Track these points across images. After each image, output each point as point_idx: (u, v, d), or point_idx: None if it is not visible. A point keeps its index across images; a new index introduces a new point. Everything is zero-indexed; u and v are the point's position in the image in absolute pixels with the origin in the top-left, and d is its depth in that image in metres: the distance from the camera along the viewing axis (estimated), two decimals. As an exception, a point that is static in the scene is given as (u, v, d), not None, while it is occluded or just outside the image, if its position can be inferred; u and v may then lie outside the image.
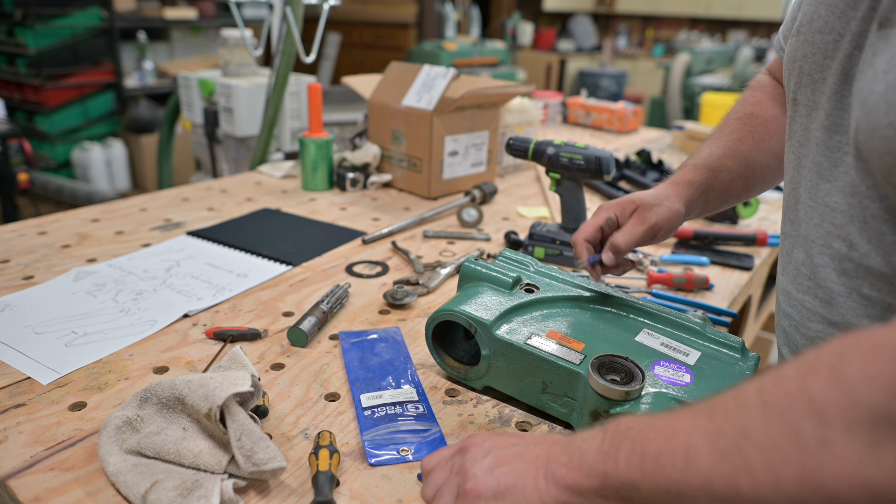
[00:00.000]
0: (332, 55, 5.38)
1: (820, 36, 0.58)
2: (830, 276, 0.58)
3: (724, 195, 0.75)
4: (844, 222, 0.56)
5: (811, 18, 0.59)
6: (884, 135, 0.47)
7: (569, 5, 6.55)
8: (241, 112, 1.95)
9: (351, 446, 0.61)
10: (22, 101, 3.95)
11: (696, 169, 0.74)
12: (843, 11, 0.56)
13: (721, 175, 0.74)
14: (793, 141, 0.63)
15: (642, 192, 0.73)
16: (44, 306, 0.85)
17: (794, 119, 0.63)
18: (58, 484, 0.55)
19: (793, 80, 0.62)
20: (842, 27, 0.56)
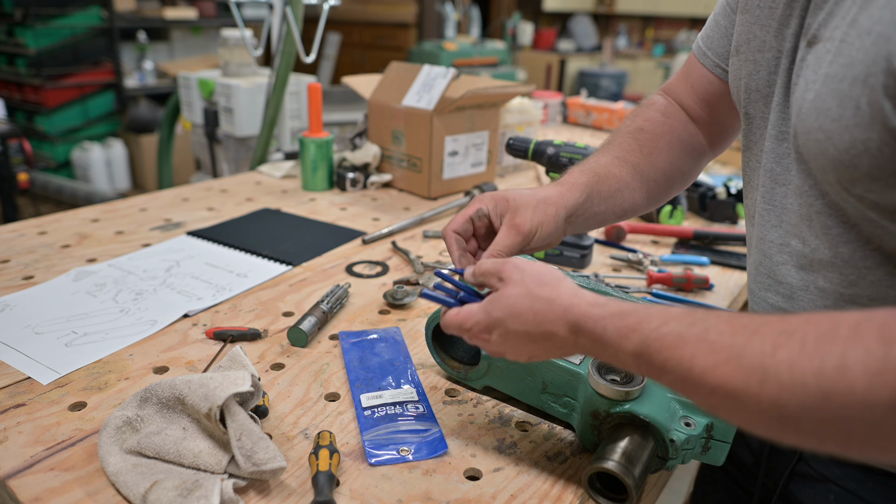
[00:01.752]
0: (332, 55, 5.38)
1: (760, 54, 0.63)
2: (790, 273, 0.62)
3: (612, 204, 0.71)
4: (797, 221, 0.60)
5: (748, 38, 0.64)
6: (815, 138, 0.51)
7: (569, 5, 6.55)
8: (241, 112, 1.95)
9: (351, 446, 0.61)
10: (22, 101, 3.95)
11: (582, 172, 0.71)
12: (777, 31, 0.61)
13: (608, 182, 0.71)
14: (751, 152, 0.67)
15: (521, 191, 0.66)
16: (44, 306, 0.85)
17: (751, 131, 0.67)
18: (58, 484, 0.55)
19: (742, 95, 0.66)
20: (778, 45, 0.61)
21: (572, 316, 0.51)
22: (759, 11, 0.63)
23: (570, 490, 0.57)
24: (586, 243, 1.05)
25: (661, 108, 0.81)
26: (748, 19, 0.64)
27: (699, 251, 1.14)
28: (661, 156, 0.76)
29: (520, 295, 0.54)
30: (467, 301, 0.60)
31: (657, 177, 0.77)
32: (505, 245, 0.64)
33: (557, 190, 0.68)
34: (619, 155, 0.74)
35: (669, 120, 0.80)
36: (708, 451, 0.60)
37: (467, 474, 0.59)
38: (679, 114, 0.81)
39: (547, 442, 0.64)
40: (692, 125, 0.81)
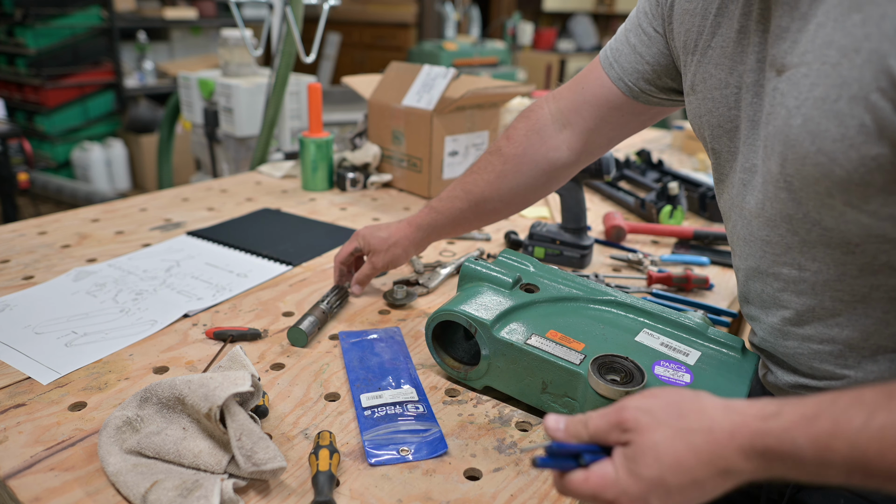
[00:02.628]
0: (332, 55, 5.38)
1: (718, 91, 0.64)
2: (791, 299, 0.62)
3: (455, 227, 0.88)
4: (782, 251, 0.60)
5: (703, 78, 0.65)
6: (815, 161, 0.51)
7: (569, 5, 6.55)
8: (241, 112, 1.95)
9: (351, 446, 0.61)
10: (22, 101, 3.95)
11: (430, 211, 0.88)
12: (731, 68, 0.62)
13: (450, 214, 0.87)
14: (724, 184, 0.68)
15: (377, 236, 0.90)
16: (44, 306, 0.85)
17: (720, 165, 0.68)
18: (58, 484, 0.55)
19: (706, 132, 0.67)
20: (736, 81, 0.62)
21: (744, 439, 0.42)
22: (710, 52, 0.64)
23: (570, 490, 0.57)
24: (586, 243, 1.05)
25: (531, 126, 0.83)
26: (699, 59, 0.65)
27: (699, 251, 1.14)
28: (505, 179, 0.84)
29: (667, 438, 0.43)
30: (591, 460, 0.47)
31: (496, 202, 0.85)
32: (364, 274, 0.90)
33: (405, 232, 0.89)
34: (467, 186, 0.86)
35: (531, 140, 0.83)
36: (708, 451, 0.60)
37: (467, 474, 0.59)
38: (547, 129, 0.83)
39: (547, 442, 0.64)
40: (559, 136, 0.82)
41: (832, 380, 0.62)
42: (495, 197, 0.84)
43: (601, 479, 0.45)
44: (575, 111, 0.80)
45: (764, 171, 0.59)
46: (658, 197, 1.27)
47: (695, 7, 0.66)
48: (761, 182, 0.60)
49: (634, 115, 0.79)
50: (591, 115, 0.79)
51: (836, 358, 0.60)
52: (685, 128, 1.93)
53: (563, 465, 0.48)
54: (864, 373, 0.59)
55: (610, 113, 0.78)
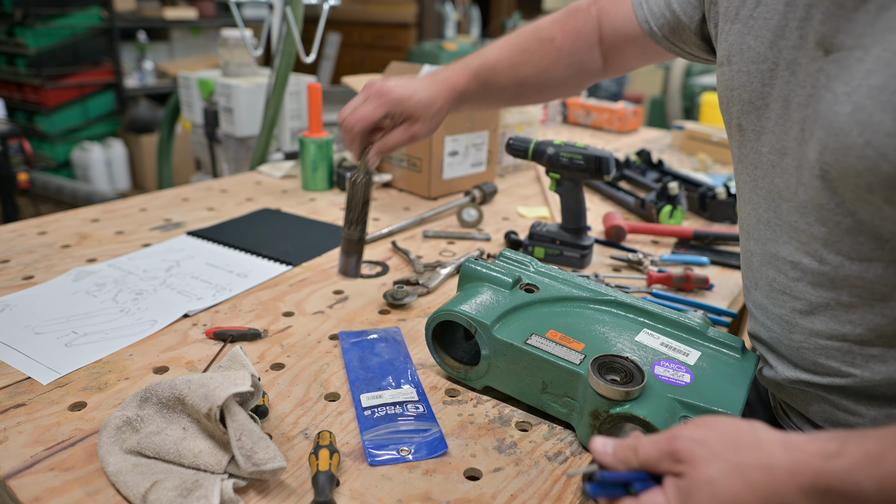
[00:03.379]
0: (332, 55, 5.38)
1: (754, 66, 0.61)
2: (806, 290, 0.60)
3: (489, 104, 0.87)
4: (808, 240, 0.58)
5: (741, 49, 0.62)
6: (861, 154, 0.48)
7: (569, 5, 6.55)
8: (241, 112, 1.95)
9: (351, 446, 0.61)
10: (22, 101, 3.95)
11: (473, 79, 0.83)
12: (773, 42, 0.59)
13: (491, 90, 0.85)
14: (745, 163, 0.66)
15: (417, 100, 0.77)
16: (44, 306, 0.85)
17: (744, 143, 0.65)
18: (58, 484, 0.55)
19: (734, 107, 0.65)
20: (774, 56, 0.59)
21: (805, 479, 0.40)
22: (752, 22, 0.61)
23: (570, 490, 0.57)
24: (586, 243, 1.05)
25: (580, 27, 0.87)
26: (739, 29, 0.63)
27: (699, 251, 1.14)
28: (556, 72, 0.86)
29: (723, 473, 0.42)
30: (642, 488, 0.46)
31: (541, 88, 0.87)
32: (396, 143, 0.78)
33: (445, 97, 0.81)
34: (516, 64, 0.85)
35: (580, 43, 0.87)
36: (708, 451, 0.60)
37: (467, 474, 0.59)
38: (592, 37, 0.87)
39: (547, 442, 0.64)
40: (597, 51, 0.88)
41: (836, 377, 0.60)
42: (536, 84, 0.86)
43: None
44: (608, 34, 0.86)
45: (798, 154, 0.56)
46: (658, 197, 1.27)
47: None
48: (795, 166, 0.57)
49: (652, 53, 0.83)
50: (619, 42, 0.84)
51: (843, 355, 0.59)
52: (685, 128, 1.93)
53: (612, 493, 0.47)
54: (871, 373, 0.58)
55: (632, 45, 0.83)
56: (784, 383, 0.66)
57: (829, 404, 0.63)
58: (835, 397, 0.62)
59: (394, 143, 0.78)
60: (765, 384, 0.71)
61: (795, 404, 0.68)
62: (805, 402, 0.66)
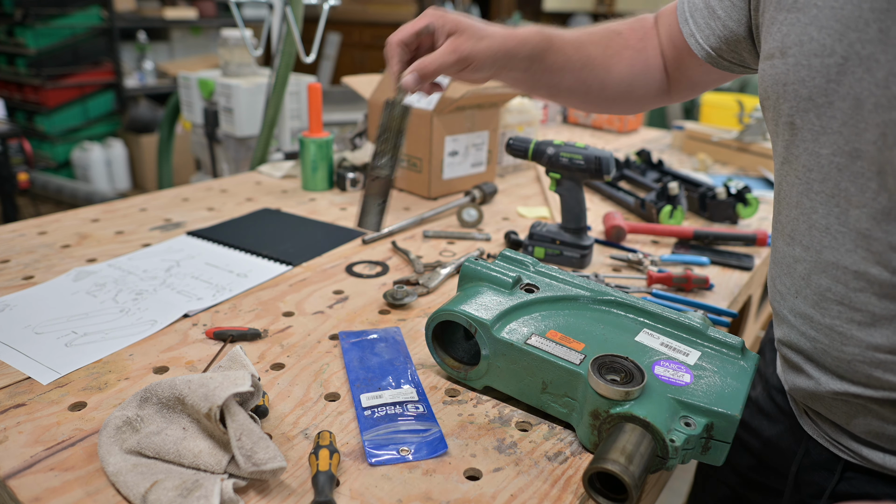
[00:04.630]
0: (332, 55, 5.38)
1: (817, 59, 0.55)
2: (871, 301, 0.56)
3: (550, 76, 0.75)
4: (885, 248, 0.54)
5: (800, 40, 0.56)
6: None
7: (569, 5, 6.55)
8: (241, 112, 1.95)
9: (351, 446, 0.61)
10: (22, 101, 3.95)
11: (540, 34, 0.74)
12: (842, 34, 0.53)
13: (556, 55, 0.75)
14: (796, 165, 0.60)
15: (470, 20, 0.70)
16: (44, 306, 0.85)
17: (795, 143, 0.60)
18: (58, 484, 0.55)
19: (786, 103, 0.59)
20: (844, 50, 0.53)
21: None
22: (814, 10, 0.55)
23: (570, 490, 0.57)
24: (586, 243, 1.05)
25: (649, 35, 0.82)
26: (798, 18, 0.56)
27: (699, 251, 1.14)
28: (620, 64, 0.79)
29: None
30: None
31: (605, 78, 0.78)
32: (439, 61, 0.67)
33: (504, 35, 0.70)
34: (585, 42, 0.77)
35: (648, 45, 0.81)
36: (708, 451, 0.60)
37: (467, 474, 0.59)
38: (656, 42, 0.82)
39: (547, 442, 0.64)
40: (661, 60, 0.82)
41: (893, 390, 0.57)
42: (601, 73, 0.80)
43: None
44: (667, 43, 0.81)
45: (880, 160, 0.52)
46: (658, 197, 1.27)
47: None
48: (875, 171, 0.53)
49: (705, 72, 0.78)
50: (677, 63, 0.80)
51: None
52: (685, 128, 1.93)
53: None
54: None
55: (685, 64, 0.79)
56: (826, 395, 0.63)
57: (878, 417, 0.60)
58: (887, 410, 0.59)
59: (436, 61, 0.67)
60: (796, 395, 0.68)
61: (834, 417, 0.65)
62: (848, 416, 0.62)
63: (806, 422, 0.71)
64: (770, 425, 0.79)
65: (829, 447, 0.68)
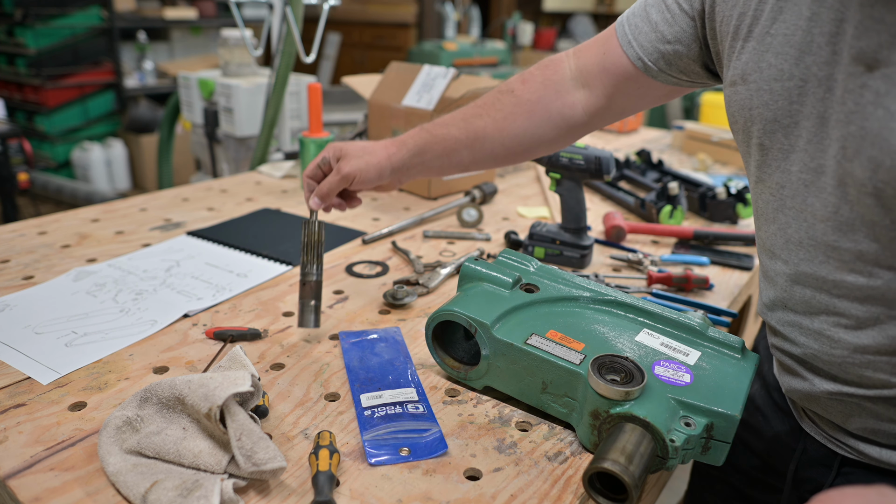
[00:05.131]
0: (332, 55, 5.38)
1: (778, 83, 0.58)
2: (854, 306, 0.57)
3: (445, 158, 0.81)
4: (853, 258, 0.55)
5: (759, 67, 0.59)
6: None
7: (569, 5, 6.55)
8: (241, 112, 1.95)
9: (351, 446, 0.61)
10: (22, 101, 3.95)
11: (420, 130, 0.81)
12: (798, 58, 0.56)
13: (441, 142, 0.80)
14: (769, 183, 0.63)
15: (355, 144, 0.80)
16: (44, 306, 0.85)
17: (766, 163, 0.62)
18: (58, 484, 0.55)
19: (754, 126, 0.62)
20: (802, 73, 0.56)
21: None
22: (769, 39, 0.58)
23: (570, 490, 0.57)
24: (586, 243, 1.05)
25: (549, 76, 0.81)
26: (755, 47, 0.60)
27: (699, 251, 1.14)
28: (516, 120, 0.80)
29: None
30: None
31: (504, 140, 0.80)
32: (328, 183, 0.79)
33: (386, 145, 0.80)
34: (468, 117, 0.81)
35: (547, 90, 0.80)
36: (708, 451, 0.60)
37: (467, 474, 0.59)
38: (565, 84, 0.81)
39: (547, 442, 0.64)
40: (576, 94, 0.80)
41: (884, 388, 0.58)
42: (497, 138, 0.80)
43: None
44: (595, 75, 0.78)
45: (840, 173, 0.54)
46: (658, 197, 1.27)
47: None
48: (834, 184, 0.55)
49: (650, 90, 0.77)
50: (611, 83, 0.78)
51: (893, 367, 0.57)
52: (685, 128, 1.93)
53: None
54: None
55: (627, 84, 0.77)
56: (821, 396, 0.64)
57: (873, 415, 0.61)
58: (881, 408, 0.60)
59: (326, 184, 0.80)
60: (793, 396, 0.68)
61: (831, 416, 0.65)
62: (844, 415, 0.63)
63: (805, 421, 0.72)
64: (768, 424, 0.79)
65: (826, 444, 0.68)
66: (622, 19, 0.77)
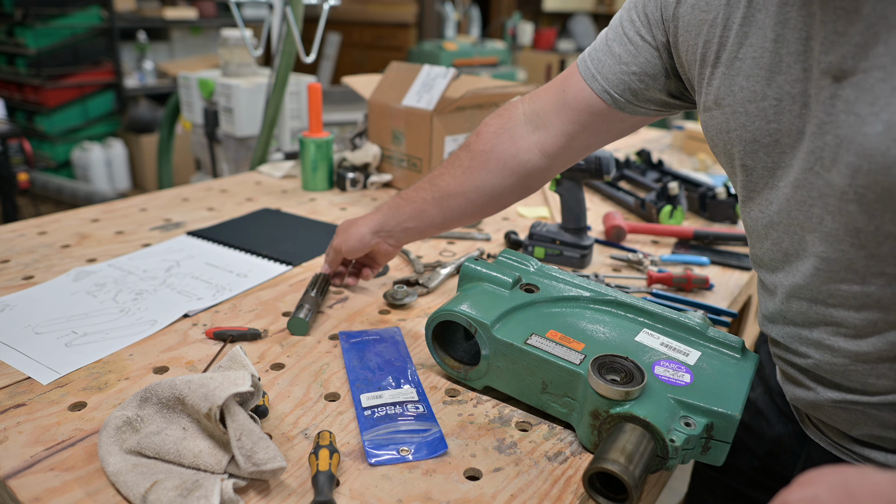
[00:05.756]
0: (332, 55, 5.38)
1: (753, 105, 0.59)
2: (850, 315, 0.57)
3: (419, 219, 0.86)
4: (842, 267, 0.56)
5: (732, 91, 0.60)
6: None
7: (569, 5, 6.55)
8: (241, 112, 1.95)
9: (351, 446, 0.61)
10: (22, 101, 3.95)
11: (395, 196, 0.88)
12: (769, 79, 0.57)
13: (414, 203, 0.86)
14: (757, 201, 0.63)
15: (350, 219, 0.91)
16: (44, 306, 0.85)
17: (752, 181, 0.63)
18: (58, 484, 0.55)
19: (734, 148, 0.62)
20: (775, 92, 0.57)
21: None
22: (738, 63, 0.59)
23: (570, 490, 0.57)
24: (586, 243, 1.05)
25: (502, 124, 0.81)
26: (724, 72, 0.61)
27: (699, 251, 1.14)
28: (474, 174, 0.82)
29: None
30: None
31: (467, 193, 0.82)
32: (328, 257, 0.92)
33: (368, 214, 0.89)
34: (435, 177, 0.85)
35: (500, 139, 0.81)
36: (708, 451, 0.60)
37: (467, 474, 0.59)
38: (518, 130, 0.80)
39: (547, 442, 0.64)
40: (531, 138, 0.79)
41: (889, 394, 0.58)
42: (460, 192, 0.82)
43: None
44: (553, 114, 0.77)
45: (820, 184, 0.54)
46: (658, 197, 1.27)
47: (714, 17, 0.61)
48: (816, 196, 0.55)
49: (617, 123, 0.76)
50: (571, 120, 0.77)
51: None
52: (685, 128, 1.93)
53: None
54: None
55: (592, 120, 0.76)
56: (826, 404, 0.63)
57: (878, 422, 0.60)
58: (886, 414, 0.59)
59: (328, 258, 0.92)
60: (797, 404, 0.68)
61: (836, 423, 0.65)
62: (849, 423, 0.63)
63: (809, 428, 0.71)
64: (771, 427, 0.79)
65: (831, 450, 0.68)
66: (583, 57, 0.76)
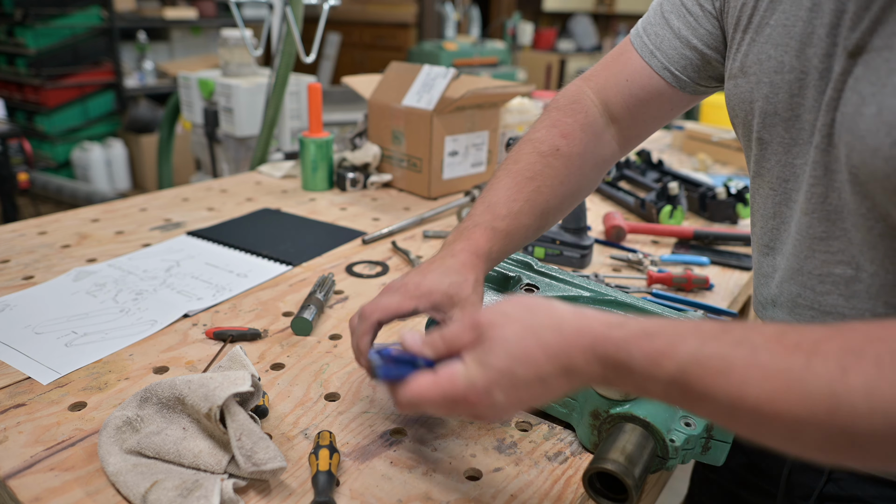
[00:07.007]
0: (332, 55, 5.38)
1: (779, 76, 0.57)
2: (838, 302, 0.57)
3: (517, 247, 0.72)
4: (839, 249, 0.55)
5: (759, 59, 0.59)
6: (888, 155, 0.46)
7: (569, 5, 6.55)
8: (241, 112, 1.95)
9: (351, 446, 0.61)
10: (22, 101, 3.95)
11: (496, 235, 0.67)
12: (799, 51, 0.55)
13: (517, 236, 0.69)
14: (769, 177, 0.62)
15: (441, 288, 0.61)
16: (44, 306, 0.85)
17: (766, 157, 0.61)
18: (58, 484, 0.55)
19: (755, 120, 0.61)
20: (802, 65, 0.55)
21: (587, 342, 0.43)
22: (768, 30, 0.57)
23: (570, 490, 0.57)
24: (586, 243, 1.05)
25: (584, 122, 0.73)
26: (752, 38, 0.59)
27: (699, 251, 1.14)
28: (570, 182, 0.72)
29: (517, 333, 0.45)
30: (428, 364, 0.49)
31: (562, 205, 0.73)
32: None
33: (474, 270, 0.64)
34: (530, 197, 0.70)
35: (588, 139, 0.73)
36: (708, 450, 0.60)
37: (467, 474, 0.59)
38: (598, 125, 0.74)
39: (547, 442, 0.64)
40: (608, 131, 0.75)
41: None
42: (557, 204, 0.73)
43: (450, 376, 0.46)
44: (623, 107, 0.73)
45: (825, 161, 0.54)
46: (658, 197, 1.27)
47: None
48: (822, 174, 0.54)
49: (677, 103, 0.73)
50: (637, 108, 0.73)
51: None
52: (685, 128, 1.93)
53: (402, 372, 0.49)
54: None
55: (652, 104, 0.72)
56: None
57: None
58: None
59: None
60: None
61: None
62: None
63: None
64: None
65: None
66: (638, 30, 0.72)
